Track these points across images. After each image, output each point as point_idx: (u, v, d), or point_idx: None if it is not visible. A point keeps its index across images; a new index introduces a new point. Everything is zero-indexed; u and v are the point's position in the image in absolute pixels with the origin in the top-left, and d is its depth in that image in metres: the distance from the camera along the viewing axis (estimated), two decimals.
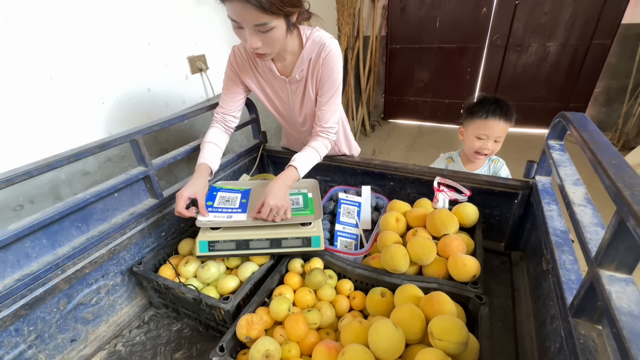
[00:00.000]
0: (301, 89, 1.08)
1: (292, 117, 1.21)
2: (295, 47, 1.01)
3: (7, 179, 0.71)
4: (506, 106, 1.16)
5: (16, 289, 0.74)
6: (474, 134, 1.21)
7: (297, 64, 1.02)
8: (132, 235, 0.98)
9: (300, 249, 0.93)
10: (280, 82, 1.08)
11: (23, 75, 1.13)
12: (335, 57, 1.00)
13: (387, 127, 4.44)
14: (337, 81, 1.04)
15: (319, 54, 1.00)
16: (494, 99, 1.18)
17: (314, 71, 1.03)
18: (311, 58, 1.01)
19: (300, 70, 1.03)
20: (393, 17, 3.90)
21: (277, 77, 1.06)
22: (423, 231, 0.94)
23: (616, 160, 0.53)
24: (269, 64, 1.03)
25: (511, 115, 1.16)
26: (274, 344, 0.70)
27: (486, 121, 1.17)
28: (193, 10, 1.79)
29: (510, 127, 1.18)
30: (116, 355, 0.89)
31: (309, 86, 1.06)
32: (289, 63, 1.04)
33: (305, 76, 1.05)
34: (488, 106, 1.16)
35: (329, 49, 0.99)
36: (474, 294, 0.75)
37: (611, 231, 0.47)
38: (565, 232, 0.77)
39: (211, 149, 1.08)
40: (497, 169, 1.29)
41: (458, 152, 1.36)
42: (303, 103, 1.12)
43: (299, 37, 1.00)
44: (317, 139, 1.10)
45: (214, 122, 1.16)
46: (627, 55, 3.18)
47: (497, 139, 1.19)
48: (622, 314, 0.43)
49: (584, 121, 0.75)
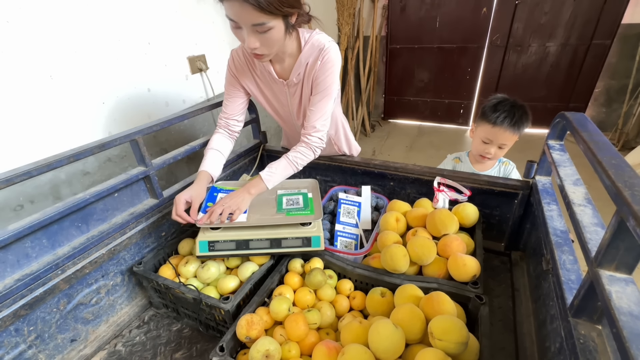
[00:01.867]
0: (299, 92, 1.08)
1: (291, 120, 1.21)
2: (294, 49, 1.00)
3: (7, 179, 0.71)
4: (519, 116, 1.12)
5: (16, 289, 0.74)
6: (480, 136, 1.20)
7: (294, 67, 1.01)
8: (132, 235, 0.98)
9: (300, 249, 0.93)
10: (279, 85, 1.07)
11: (23, 76, 1.13)
12: (332, 61, 0.99)
13: (387, 127, 4.44)
14: (331, 85, 1.01)
15: (317, 58, 0.99)
16: (510, 106, 1.14)
17: (310, 74, 1.02)
18: (308, 62, 1.00)
19: (297, 74, 1.02)
20: (393, 17, 3.90)
21: (275, 81, 1.06)
22: (423, 231, 0.94)
23: (616, 160, 0.53)
24: (267, 67, 1.03)
25: (522, 125, 1.13)
26: (274, 344, 0.70)
27: (493, 128, 1.15)
28: (193, 10, 1.79)
29: (519, 135, 1.15)
30: (116, 355, 0.89)
31: (306, 89, 1.06)
32: (288, 65, 1.03)
33: (302, 79, 1.04)
34: (500, 113, 1.13)
35: (326, 53, 0.98)
36: (474, 294, 0.75)
37: (611, 231, 0.47)
38: (565, 232, 0.77)
39: (213, 155, 1.08)
40: (507, 172, 1.28)
41: (466, 153, 1.36)
42: (301, 106, 1.12)
43: (298, 39, 0.99)
44: (298, 147, 1.06)
45: (217, 128, 1.16)
46: (627, 55, 3.18)
47: (501, 146, 1.18)
48: (622, 314, 0.43)
49: (584, 121, 0.75)
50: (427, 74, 4.12)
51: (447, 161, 1.40)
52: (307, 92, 1.06)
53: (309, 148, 1.06)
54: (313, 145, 1.06)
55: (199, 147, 1.20)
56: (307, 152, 1.06)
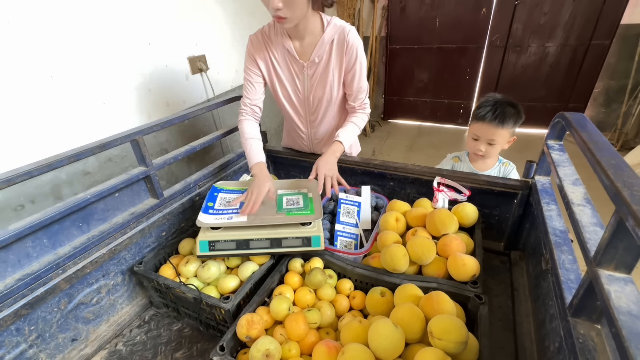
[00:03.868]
0: (319, 73, 1.11)
1: (303, 104, 1.22)
2: (316, 28, 1.05)
3: (7, 179, 0.71)
4: (501, 111, 1.13)
5: (17, 289, 0.74)
6: (470, 134, 1.24)
7: (317, 46, 1.06)
8: (133, 235, 0.98)
9: (300, 248, 0.94)
10: (299, 66, 1.11)
11: (24, 76, 1.13)
12: (358, 40, 1.07)
13: (387, 127, 4.44)
14: (364, 61, 1.12)
15: (343, 38, 1.05)
16: (493, 102, 1.16)
17: (338, 54, 1.08)
18: (333, 40, 1.06)
19: (320, 54, 1.07)
20: (393, 17, 3.90)
21: (296, 61, 1.10)
22: (423, 231, 0.95)
23: (615, 160, 0.53)
24: (287, 45, 1.07)
25: (506, 119, 1.13)
26: (274, 343, 0.70)
27: (477, 123, 1.19)
28: (193, 11, 1.79)
29: (509, 130, 1.16)
30: (117, 354, 0.89)
31: (332, 69, 1.10)
32: (308, 45, 1.08)
33: (327, 59, 1.09)
34: (482, 109, 1.17)
35: (350, 32, 1.05)
36: (474, 294, 0.75)
37: (610, 231, 0.47)
38: (564, 231, 0.77)
39: (257, 145, 1.14)
40: (507, 173, 1.29)
41: (466, 152, 1.36)
42: (320, 87, 1.15)
43: (321, 20, 1.05)
44: (356, 114, 1.20)
45: (243, 114, 1.18)
46: (626, 56, 3.18)
47: (490, 142, 1.19)
48: (621, 314, 0.43)
49: (583, 121, 0.75)
50: (426, 74, 4.12)
51: (447, 160, 1.40)
52: (333, 72, 1.11)
53: (364, 114, 1.21)
54: (366, 112, 1.21)
55: (199, 147, 1.20)
56: (364, 117, 1.21)
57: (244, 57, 1.15)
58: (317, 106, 1.20)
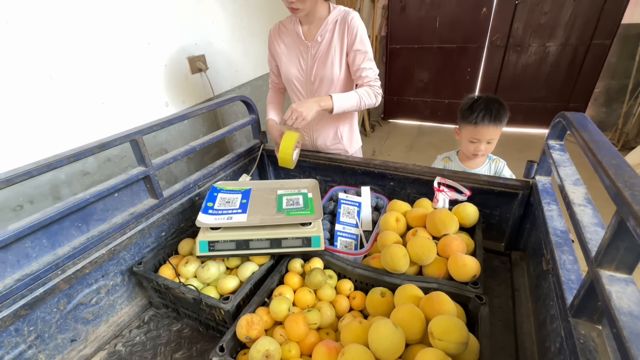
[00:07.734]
0: (322, 51, 1.20)
1: (306, 82, 1.29)
2: (323, 13, 1.19)
3: (7, 179, 0.71)
4: (496, 110, 1.16)
5: (16, 289, 0.74)
6: (467, 137, 1.24)
7: (321, 27, 1.17)
8: (132, 235, 0.98)
9: (300, 249, 0.93)
10: (304, 46, 1.22)
11: (23, 76, 1.13)
12: (361, 23, 1.17)
13: (387, 127, 4.44)
14: (367, 42, 1.18)
15: (345, 19, 1.16)
16: (484, 103, 1.17)
17: (340, 34, 1.17)
18: (337, 20, 1.17)
19: (322, 33, 1.18)
20: (393, 17, 3.90)
21: (301, 42, 1.22)
22: (423, 231, 0.94)
23: (616, 160, 0.52)
24: (297, 30, 1.21)
25: (501, 117, 1.17)
26: (274, 344, 0.70)
27: (476, 127, 1.19)
28: (193, 11, 1.79)
29: (503, 126, 1.19)
30: (116, 355, 0.89)
31: (334, 47, 1.19)
32: (314, 27, 1.20)
33: (330, 38, 1.18)
34: (477, 112, 1.17)
35: (353, 15, 1.16)
36: (474, 294, 0.75)
37: (611, 231, 0.47)
38: (565, 232, 0.76)
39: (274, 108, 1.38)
40: (498, 170, 1.30)
41: (456, 152, 1.38)
42: (321, 64, 1.22)
43: (328, 7, 1.19)
44: (363, 87, 1.20)
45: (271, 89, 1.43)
46: (627, 55, 3.18)
47: (489, 141, 1.21)
48: (622, 314, 0.43)
49: (584, 121, 0.74)
50: (427, 74, 4.12)
51: (437, 162, 1.41)
52: (335, 50, 1.19)
53: (372, 90, 1.20)
54: (375, 90, 1.21)
55: (199, 147, 1.20)
56: (370, 93, 1.20)
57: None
58: (319, 86, 1.25)
